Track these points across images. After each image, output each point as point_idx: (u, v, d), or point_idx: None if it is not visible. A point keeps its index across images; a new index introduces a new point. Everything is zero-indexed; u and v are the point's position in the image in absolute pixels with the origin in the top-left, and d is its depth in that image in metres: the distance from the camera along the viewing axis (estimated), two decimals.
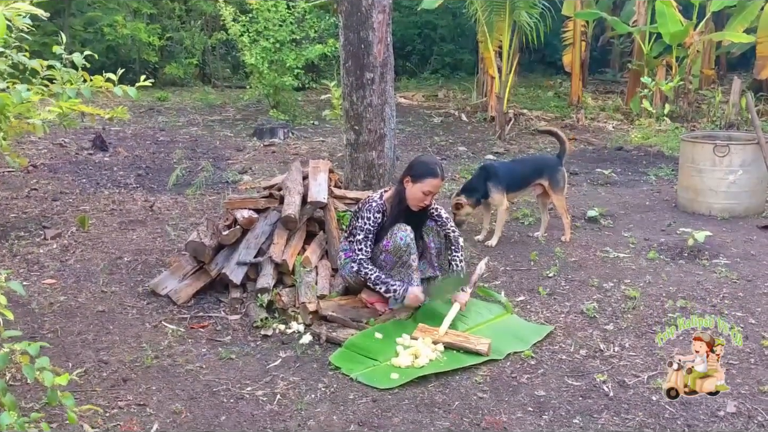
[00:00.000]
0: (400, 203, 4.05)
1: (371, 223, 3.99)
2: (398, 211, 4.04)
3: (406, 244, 4.01)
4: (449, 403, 3.30)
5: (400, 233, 4.01)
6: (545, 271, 4.98)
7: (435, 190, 4.02)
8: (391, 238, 4.01)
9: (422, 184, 3.98)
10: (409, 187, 4.03)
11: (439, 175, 4.01)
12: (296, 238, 4.55)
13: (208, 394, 3.33)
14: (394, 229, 4.02)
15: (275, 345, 3.86)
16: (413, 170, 4.05)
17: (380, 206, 4.02)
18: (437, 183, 4.01)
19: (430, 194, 4.01)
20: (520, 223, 6.15)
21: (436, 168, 4.02)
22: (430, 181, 3.98)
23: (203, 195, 6.90)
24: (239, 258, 4.37)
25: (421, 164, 4.07)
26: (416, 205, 4.04)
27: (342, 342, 3.81)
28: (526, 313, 4.32)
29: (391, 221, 4.04)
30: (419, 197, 4.01)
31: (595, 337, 4.00)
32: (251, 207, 4.59)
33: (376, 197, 4.07)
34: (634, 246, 5.55)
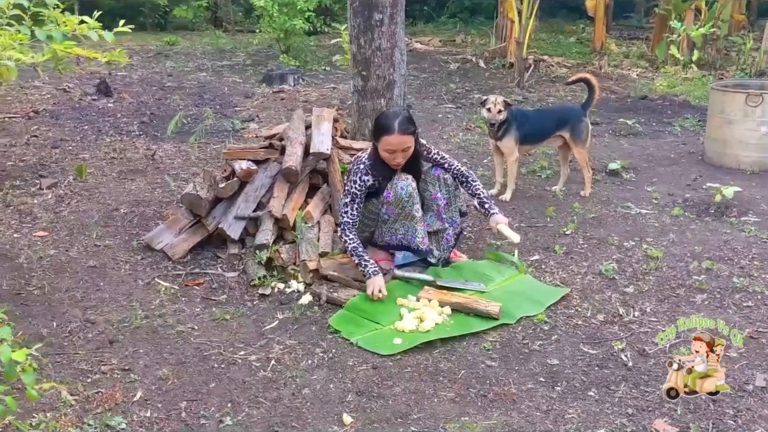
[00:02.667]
0: (380, 164, 3.75)
1: (358, 187, 3.71)
2: (383, 171, 3.76)
3: (407, 194, 3.75)
4: (455, 372, 3.08)
5: (401, 183, 3.75)
6: (562, 228, 4.70)
7: (397, 147, 3.65)
8: (392, 189, 3.75)
9: (381, 143, 3.66)
10: (378, 147, 3.73)
11: (396, 129, 3.60)
12: (298, 192, 4.30)
13: (198, 358, 3.13)
14: (395, 180, 3.76)
15: (273, 305, 3.65)
16: (373, 129, 3.79)
17: (367, 168, 3.74)
18: (395, 140, 3.61)
19: (395, 152, 3.67)
20: (537, 176, 5.85)
21: (392, 123, 3.62)
22: (387, 138, 3.62)
23: (207, 143, 6.65)
24: (237, 212, 4.13)
25: (377, 121, 3.75)
26: (390, 164, 3.74)
27: (343, 303, 3.59)
28: (541, 274, 4.07)
29: (383, 180, 3.76)
30: (386, 157, 3.69)
31: (614, 300, 3.75)
32: (250, 158, 4.33)
33: (364, 158, 3.77)
34: (658, 202, 5.25)
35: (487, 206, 4.00)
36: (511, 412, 2.81)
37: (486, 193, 4.06)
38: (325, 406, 2.82)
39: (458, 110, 8.42)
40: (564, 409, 2.84)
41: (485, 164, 6.18)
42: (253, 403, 2.83)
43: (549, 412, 2.82)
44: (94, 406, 2.75)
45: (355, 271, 3.83)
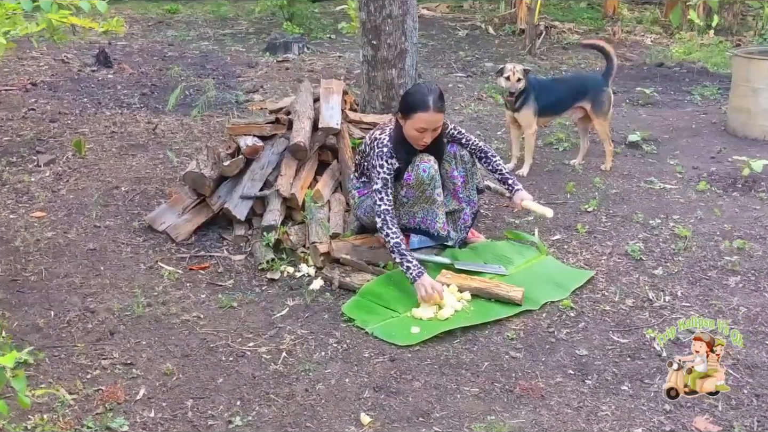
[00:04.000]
0: (403, 144, 3.50)
1: (386, 171, 3.45)
2: (406, 152, 3.51)
3: (429, 177, 3.52)
4: (477, 364, 2.89)
5: (423, 165, 3.52)
6: (584, 204, 4.48)
7: (429, 125, 3.40)
8: (413, 171, 3.52)
9: (412, 121, 3.40)
10: (403, 125, 3.47)
11: (431, 107, 3.35)
12: (306, 169, 4.08)
13: (205, 350, 2.95)
14: (416, 161, 3.53)
15: (282, 291, 3.46)
16: (402, 104, 3.50)
17: (391, 151, 3.47)
18: (429, 117, 3.36)
19: (426, 131, 3.41)
20: (555, 149, 5.61)
21: (426, 99, 3.35)
22: (420, 116, 3.37)
23: (210, 116, 6.41)
24: (243, 191, 3.92)
25: (409, 95, 3.48)
26: (416, 144, 3.49)
27: (356, 288, 3.39)
28: (563, 255, 3.86)
29: (406, 163, 3.53)
30: (415, 136, 3.44)
31: (642, 283, 3.55)
32: (256, 133, 4.10)
33: (385, 139, 3.51)
34: (682, 176, 5.02)
35: (510, 182, 3.78)
36: (540, 409, 2.63)
37: (507, 169, 3.84)
38: (340, 404, 2.63)
39: (469, 79, 8.15)
40: (597, 406, 2.65)
41: (500, 137, 5.95)
42: (264, 400, 2.65)
43: (581, 409, 2.63)
44: (94, 406, 2.57)
45: (369, 253, 3.63)
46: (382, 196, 3.41)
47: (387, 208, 3.39)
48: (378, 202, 3.40)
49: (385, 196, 3.41)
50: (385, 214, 3.37)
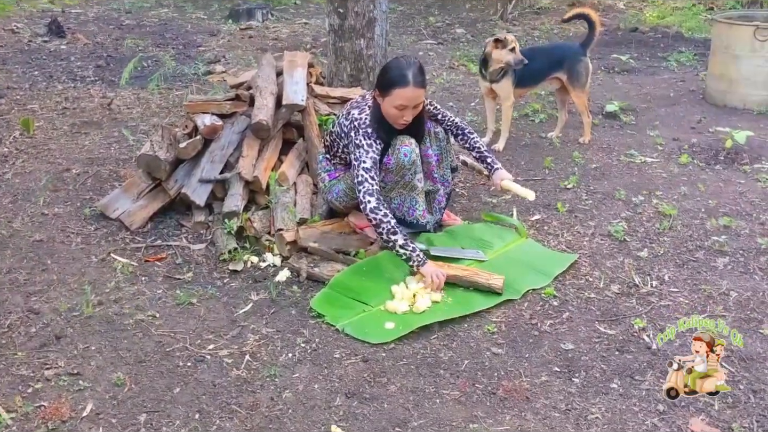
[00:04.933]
0: (381, 124, 3.23)
1: (375, 151, 3.19)
2: (385, 132, 3.25)
3: (411, 162, 3.28)
4: (457, 363, 2.69)
5: (404, 148, 3.26)
6: (563, 181, 4.28)
7: (410, 102, 3.14)
8: (393, 155, 3.26)
9: (391, 98, 3.12)
10: (381, 103, 3.20)
11: (411, 82, 3.09)
12: (270, 149, 3.81)
13: (161, 355, 2.70)
14: (397, 144, 3.27)
15: (246, 284, 3.21)
16: (379, 80, 3.22)
17: (375, 131, 3.21)
18: (409, 93, 3.10)
19: (406, 109, 3.15)
20: (530, 121, 5.40)
21: (406, 73, 3.09)
22: (399, 92, 3.10)
23: (169, 89, 6.08)
24: (202, 174, 3.64)
25: (387, 71, 3.18)
26: (396, 123, 3.22)
27: (326, 280, 3.16)
28: (544, 237, 3.66)
29: (385, 146, 3.27)
30: (394, 114, 3.17)
31: (627, 266, 3.37)
32: (215, 111, 3.81)
33: (364, 119, 3.22)
34: (663, 148, 4.84)
35: (489, 161, 3.56)
36: (525, 413, 2.44)
37: (485, 146, 3.61)
38: (309, 414, 2.41)
39: (440, 46, 7.87)
40: (586, 408, 2.46)
41: (474, 108, 5.71)
42: (225, 412, 2.41)
43: (569, 412, 2.45)
44: (35, 426, 2.31)
45: (339, 240, 3.39)
46: (372, 175, 3.14)
47: (378, 188, 3.14)
48: (370, 181, 3.12)
49: (375, 174, 3.15)
50: (379, 193, 3.12)
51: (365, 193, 3.09)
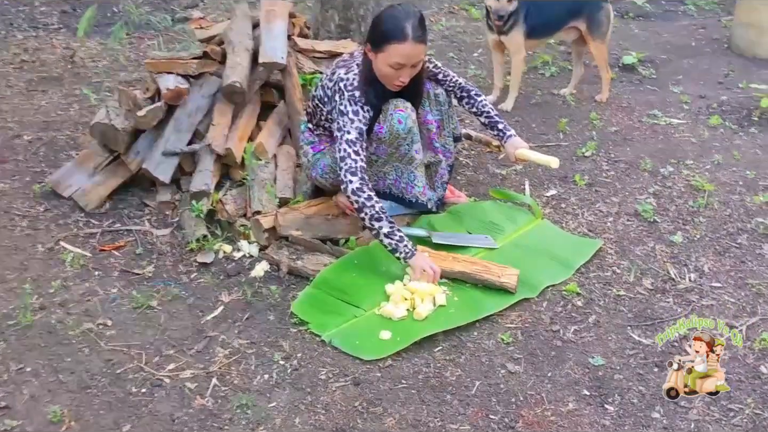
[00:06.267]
0: (372, 85, 2.72)
1: (362, 120, 2.69)
2: (375, 96, 2.74)
3: (406, 130, 2.77)
4: (467, 385, 2.24)
5: (398, 114, 2.75)
6: (580, 148, 3.79)
7: (408, 60, 2.63)
8: (385, 123, 2.76)
9: (386, 54, 2.61)
10: (373, 60, 2.68)
11: (410, 36, 2.58)
12: (245, 116, 3.30)
13: (110, 379, 2.24)
14: (390, 109, 2.76)
15: (217, 280, 2.74)
16: (371, 33, 2.69)
17: (364, 94, 2.70)
18: (408, 50, 2.60)
19: (403, 68, 2.64)
20: (540, 75, 4.86)
21: (403, 25, 2.58)
22: (396, 47, 2.59)
23: (141, 38, 5.49)
24: (166, 146, 3.13)
25: (381, 22, 2.66)
26: (391, 84, 2.72)
27: (310, 276, 2.69)
28: (561, 217, 3.19)
29: (375, 111, 2.76)
30: (389, 74, 2.66)
31: (660, 255, 2.91)
32: (180, 72, 3.27)
33: (351, 80, 2.71)
34: (689, 107, 4.33)
35: (501, 127, 3.05)
36: None
37: (495, 111, 3.10)
38: None
39: None
40: None
41: (477, 59, 5.16)
42: None
43: None
44: None
45: (325, 226, 2.91)
46: (357, 149, 2.65)
47: (363, 165, 2.65)
48: (353, 156, 2.63)
49: (360, 149, 2.66)
50: (363, 172, 2.63)
51: (347, 171, 2.61)
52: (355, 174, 2.61)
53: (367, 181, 2.62)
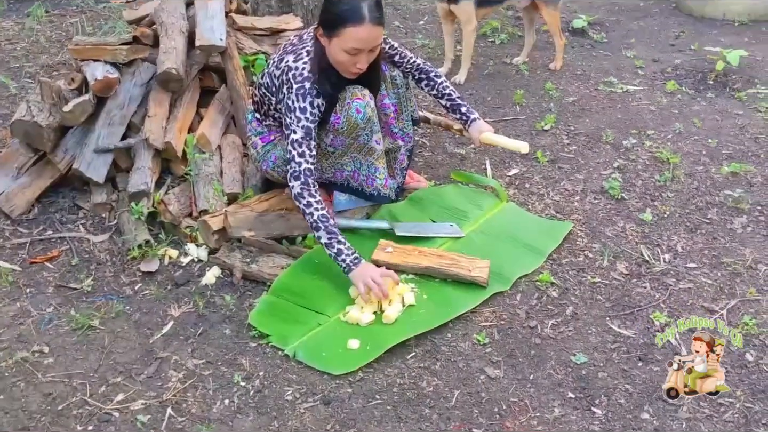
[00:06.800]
0: (326, 73, 2.48)
1: (310, 117, 2.45)
2: (331, 84, 2.50)
3: (365, 119, 2.56)
4: (445, 396, 2.09)
5: (356, 103, 2.53)
6: (539, 121, 3.64)
7: (365, 45, 2.38)
8: (342, 113, 2.54)
9: (341, 39, 2.37)
10: (327, 45, 2.45)
11: (367, 17, 2.33)
12: (184, 104, 3.03)
13: (51, 417, 2.00)
14: (347, 98, 2.54)
15: (164, 290, 2.51)
16: (324, 16, 2.44)
17: (315, 85, 2.45)
18: (365, 33, 2.35)
19: (360, 53, 2.41)
20: (490, 43, 4.69)
21: (359, 6, 2.33)
22: (353, 31, 2.34)
23: (63, 16, 5.10)
24: (98, 143, 2.85)
25: (334, 3, 2.39)
26: (347, 71, 2.49)
27: (267, 281, 2.49)
28: (526, 198, 3.05)
29: (329, 101, 2.53)
30: (345, 61, 2.42)
31: (631, 235, 2.80)
32: (108, 59, 2.97)
33: (304, 69, 2.46)
34: (644, 73, 4.22)
35: (464, 110, 2.86)
36: None
37: (456, 92, 2.91)
38: None
39: None
40: None
41: (423, 28, 4.96)
42: None
43: None
44: None
45: (280, 224, 2.69)
46: (303, 151, 2.43)
47: (309, 168, 2.43)
48: (297, 159, 2.42)
49: (307, 150, 2.43)
50: (307, 176, 2.41)
51: (290, 175, 2.42)
52: (297, 178, 2.41)
53: (310, 184, 2.41)
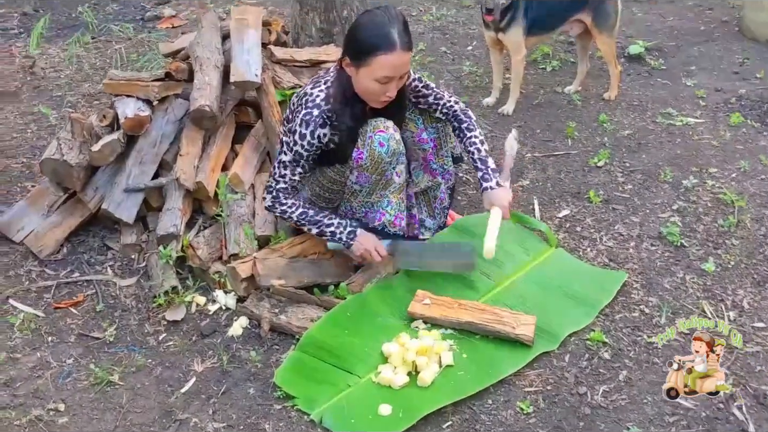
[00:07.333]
0: (348, 105, 2.36)
1: (307, 145, 2.36)
2: (352, 117, 2.38)
3: (390, 152, 2.40)
4: None
5: (379, 136, 2.38)
6: (591, 157, 3.43)
7: (396, 72, 2.27)
8: (365, 147, 2.39)
9: (371, 68, 2.25)
10: (353, 75, 2.32)
11: (397, 43, 2.23)
12: (218, 142, 2.92)
13: None
14: (368, 131, 2.39)
15: (188, 341, 2.39)
16: (351, 45, 2.31)
17: (325, 115, 2.35)
18: (396, 59, 2.24)
19: (391, 81, 2.28)
20: (540, 69, 4.48)
21: (389, 32, 2.22)
22: (384, 59, 2.23)
23: (108, 42, 5.08)
24: (128, 182, 2.76)
25: (362, 30, 2.28)
26: (376, 101, 2.36)
27: (295, 334, 2.34)
28: (577, 243, 2.84)
29: (348, 134, 2.40)
30: (374, 90, 2.30)
31: (692, 288, 2.57)
32: (141, 95, 2.89)
33: (318, 97, 2.36)
34: (705, 103, 3.96)
35: (481, 174, 2.60)
36: None
37: (485, 151, 2.63)
38: None
39: None
40: None
41: (471, 54, 4.77)
42: None
43: None
44: None
45: (311, 269, 2.55)
46: (285, 173, 2.44)
47: (284, 188, 2.46)
48: (277, 178, 2.46)
49: (289, 173, 2.44)
50: (279, 192, 2.47)
51: (265, 189, 2.53)
52: (270, 193, 2.48)
53: (280, 196, 2.46)
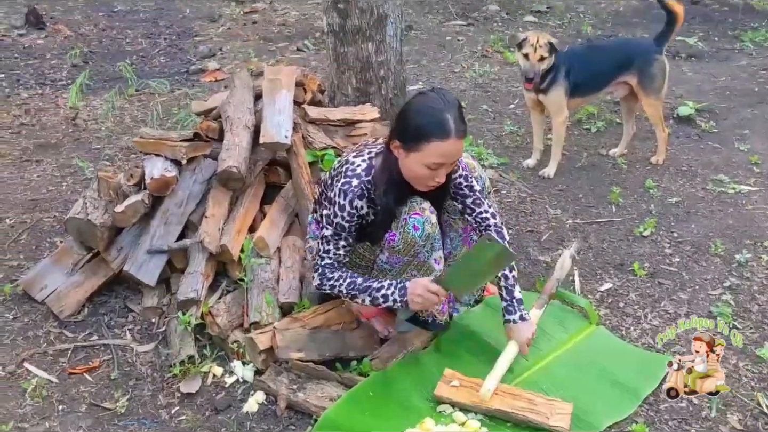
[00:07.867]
0: (396, 186, 2.24)
1: (347, 217, 2.24)
2: (396, 198, 2.27)
3: (423, 237, 2.27)
4: None
5: (414, 219, 2.25)
6: (637, 225, 3.26)
7: (449, 159, 2.15)
8: (398, 229, 2.26)
9: (422, 154, 2.13)
10: (401, 158, 2.20)
11: (452, 131, 2.10)
12: (245, 203, 2.84)
13: None
14: (404, 212, 2.27)
15: (202, 416, 2.27)
16: (403, 128, 2.18)
17: (364, 186, 2.24)
18: (450, 148, 2.12)
19: (441, 167, 2.16)
20: (585, 130, 4.34)
21: (445, 119, 2.10)
22: (437, 146, 2.10)
23: (152, 94, 5.12)
24: (152, 243, 2.69)
25: (416, 115, 2.15)
26: (423, 186, 2.23)
27: (313, 414, 2.20)
28: (620, 320, 2.66)
29: (386, 215, 2.28)
30: (423, 175, 2.18)
31: (746, 377, 2.36)
32: (168, 155, 2.84)
33: (360, 167, 2.26)
34: (759, 170, 3.78)
35: (505, 305, 2.43)
36: None
37: (513, 279, 2.45)
38: None
39: (470, 28, 6.77)
40: None
41: (513, 112, 4.67)
42: None
43: None
44: None
45: (335, 341, 2.42)
46: (329, 248, 2.30)
47: (329, 263, 2.32)
48: (321, 254, 2.31)
49: (333, 248, 2.30)
50: (326, 269, 2.31)
51: (312, 267, 2.37)
52: (317, 271, 2.33)
53: (327, 273, 2.30)
